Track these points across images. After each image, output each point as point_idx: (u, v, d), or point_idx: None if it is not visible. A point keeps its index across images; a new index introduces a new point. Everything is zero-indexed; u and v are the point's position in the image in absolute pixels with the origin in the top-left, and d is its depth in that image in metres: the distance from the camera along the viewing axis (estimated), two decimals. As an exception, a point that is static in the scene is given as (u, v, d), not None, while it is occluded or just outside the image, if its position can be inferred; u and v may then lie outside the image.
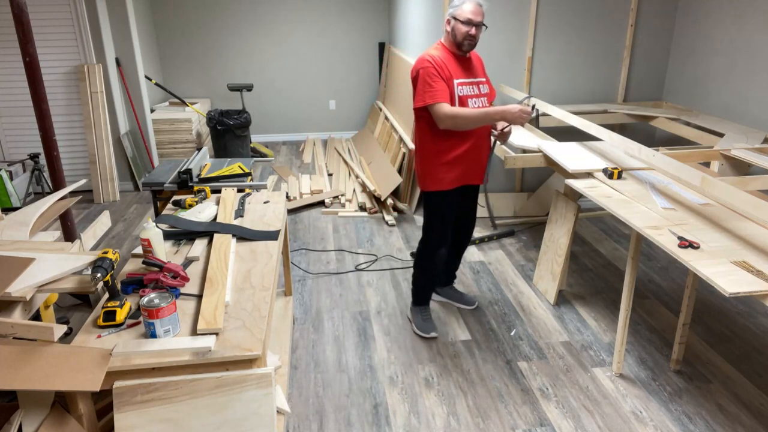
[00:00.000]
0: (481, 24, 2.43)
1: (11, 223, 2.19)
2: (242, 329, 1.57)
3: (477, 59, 2.64)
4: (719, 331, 2.88)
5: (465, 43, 2.44)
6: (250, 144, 5.84)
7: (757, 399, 2.40)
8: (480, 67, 2.64)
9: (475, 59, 2.62)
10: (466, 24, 2.41)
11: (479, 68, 2.62)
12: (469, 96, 2.51)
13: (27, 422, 1.44)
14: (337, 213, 4.53)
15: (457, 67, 2.49)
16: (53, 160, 2.81)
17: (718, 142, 3.09)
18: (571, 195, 3.05)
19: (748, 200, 1.99)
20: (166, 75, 6.52)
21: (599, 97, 4.37)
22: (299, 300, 3.23)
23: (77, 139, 4.96)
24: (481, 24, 2.43)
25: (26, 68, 2.61)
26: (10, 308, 1.61)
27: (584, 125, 3.08)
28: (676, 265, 3.57)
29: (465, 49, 2.47)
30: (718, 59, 3.80)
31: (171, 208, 2.54)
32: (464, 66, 2.53)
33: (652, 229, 2.11)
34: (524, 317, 3.03)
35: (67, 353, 1.44)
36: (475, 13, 2.40)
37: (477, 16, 2.41)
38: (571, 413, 2.33)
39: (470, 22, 2.40)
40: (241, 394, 1.47)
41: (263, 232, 2.23)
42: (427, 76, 2.42)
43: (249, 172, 3.07)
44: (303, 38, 6.59)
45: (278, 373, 2.17)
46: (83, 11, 4.60)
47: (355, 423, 2.28)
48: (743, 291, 1.69)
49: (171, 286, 1.72)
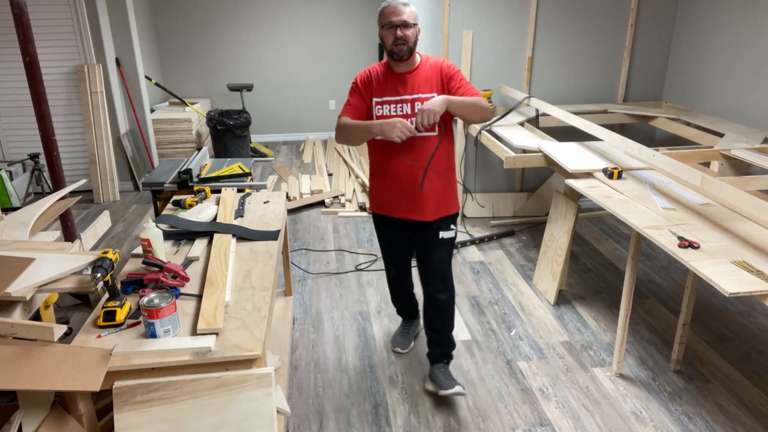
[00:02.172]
0: (407, 23, 2.10)
1: (11, 223, 2.19)
2: (242, 329, 1.57)
3: (433, 72, 2.21)
4: (719, 331, 2.88)
5: (395, 50, 2.13)
6: (250, 144, 5.84)
7: (757, 399, 2.40)
8: (431, 81, 2.20)
9: (429, 73, 2.21)
10: (387, 28, 2.13)
11: (426, 83, 2.19)
12: (389, 116, 2.19)
13: (27, 422, 1.44)
14: (337, 213, 4.53)
15: (386, 84, 2.21)
16: (53, 160, 2.81)
17: (718, 142, 3.09)
18: (571, 195, 3.05)
19: (748, 200, 1.99)
20: (166, 75, 6.52)
21: (599, 97, 4.37)
22: (299, 300, 3.23)
23: (77, 139, 4.96)
24: (407, 23, 2.10)
25: (26, 68, 2.61)
26: (10, 308, 1.61)
27: (584, 125, 3.08)
28: (676, 265, 3.57)
29: (398, 57, 2.14)
30: (718, 59, 3.80)
31: (171, 208, 2.54)
32: (396, 83, 2.20)
33: (652, 229, 2.11)
34: (524, 317, 3.03)
35: (67, 353, 1.44)
36: (393, 12, 2.11)
37: (396, 16, 2.10)
38: (571, 413, 2.33)
39: (390, 24, 2.11)
40: (241, 394, 1.47)
41: (263, 232, 2.23)
42: (350, 89, 2.29)
43: (249, 172, 3.07)
44: (303, 38, 6.59)
45: (278, 373, 2.17)
46: (83, 11, 4.60)
47: (355, 423, 2.28)
48: (743, 291, 1.69)
49: (171, 286, 1.71)
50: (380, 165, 2.32)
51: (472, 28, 4.05)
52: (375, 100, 2.23)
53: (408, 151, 2.21)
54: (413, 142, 2.19)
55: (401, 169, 2.24)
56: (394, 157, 2.24)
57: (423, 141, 2.22)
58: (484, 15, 4.03)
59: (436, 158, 2.23)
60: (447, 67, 2.22)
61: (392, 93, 2.20)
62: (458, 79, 2.20)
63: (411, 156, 2.22)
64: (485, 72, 4.15)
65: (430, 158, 2.21)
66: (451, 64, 2.24)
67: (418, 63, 2.23)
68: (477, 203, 4.34)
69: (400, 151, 2.21)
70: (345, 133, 2.21)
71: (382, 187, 2.35)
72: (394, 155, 2.23)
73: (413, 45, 2.15)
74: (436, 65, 2.22)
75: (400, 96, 2.19)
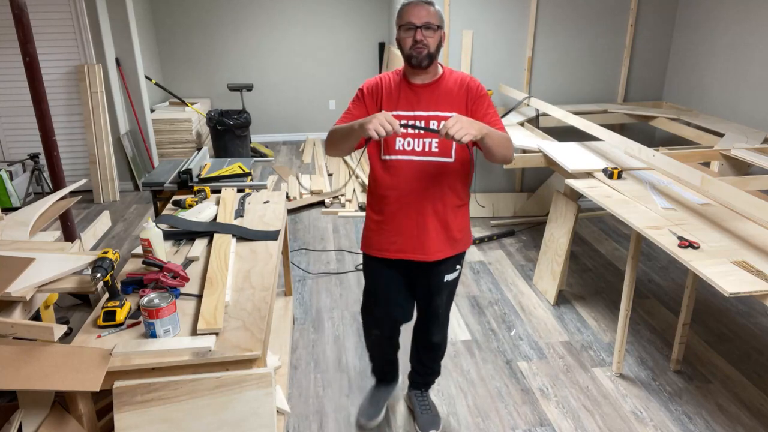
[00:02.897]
0: (429, 25, 1.78)
1: (11, 223, 2.19)
2: (242, 329, 1.57)
3: (457, 89, 1.86)
4: (719, 331, 2.88)
5: (413, 56, 1.79)
6: (250, 144, 5.84)
7: (757, 399, 2.40)
8: (453, 98, 1.86)
9: (452, 89, 1.86)
10: (406, 29, 1.79)
11: (446, 100, 1.85)
12: (401, 135, 1.85)
13: (27, 422, 1.44)
14: (337, 213, 4.53)
15: (399, 95, 1.86)
16: (53, 160, 2.81)
17: (718, 142, 3.09)
18: (571, 195, 3.05)
19: (748, 200, 1.99)
20: (166, 75, 6.51)
21: (599, 97, 4.37)
22: (299, 300, 3.23)
23: (77, 139, 4.95)
24: (429, 25, 1.78)
25: (26, 68, 2.61)
26: (10, 308, 1.61)
27: (584, 125, 3.09)
28: (676, 265, 3.57)
29: (416, 63, 1.80)
30: (718, 59, 3.79)
31: (171, 208, 2.54)
32: (411, 96, 1.86)
33: (652, 229, 2.11)
34: (524, 317, 3.03)
35: (67, 353, 1.44)
36: (413, 11, 1.78)
37: (417, 15, 1.77)
38: (571, 413, 2.33)
39: (410, 25, 1.78)
40: (241, 394, 1.47)
41: (263, 232, 2.23)
42: (354, 97, 1.93)
43: (249, 172, 3.07)
44: (303, 38, 6.58)
45: (278, 373, 2.17)
46: (83, 11, 4.60)
47: (355, 423, 2.28)
48: (743, 291, 1.69)
49: (171, 286, 1.71)
50: (380, 192, 1.93)
51: (472, 28, 4.05)
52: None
53: (416, 179, 1.86)
54: (423, 168, 1.85)
55: (406, 200, 1.88)
56: (398, 183, 1.88)
57: (434, 167, 1.86)
58: (484, 15, 4.03)
59: (448, 187, 1.88)
60: (476, 88, 1.86)
61: (405, 107, 1.85)
62: (486, 105, 1.86)
63: (417, 186, 1.86)
64: (485, 72, 4.15)
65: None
66: (480, 85, 1.88)
67: (440, 75, 1.88)
68: (477, 203, 4.34)
69: (406, 177, 1.86)
70: (330, 140, 1.84)
71: (380, 222, 1.96)
72: (398, 182, 1.88)
73: (435, 51, 1.82)
74: (461, 81, 1.87)
75: (414, 111, 1.84)
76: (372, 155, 1.93)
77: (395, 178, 1.87)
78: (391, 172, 1.88)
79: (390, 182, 1.89)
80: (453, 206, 1.92)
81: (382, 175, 1.90)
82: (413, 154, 1.86)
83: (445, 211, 1.91)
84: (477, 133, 1.62)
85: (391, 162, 1.87)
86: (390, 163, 1.88)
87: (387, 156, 1.88)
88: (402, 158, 1.86)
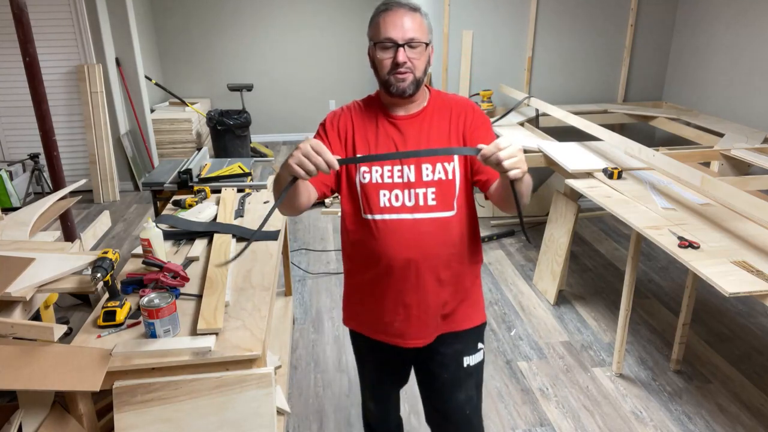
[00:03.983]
0: (416, 42, 1.31)
1: (11, 223, 2.19)
2: (242, 329, 1.57)
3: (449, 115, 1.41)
4: (719, 331, 2.88)
5: (392, 82, 1.33)
6: (250, 144, 5.84)
7: (757, 399, 2.40)
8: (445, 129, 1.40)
9: (444, 116, 1.41)
10: (383, 47, 1.32)
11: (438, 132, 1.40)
12: (384, 186, 1.38)
13: (27, 422, 1.44)
14: (337, 213, 4.53)
15: (378, 134, 1.40)
16: (53, 160, 2.81)
17: (718, 142, 3.09)
18: (571, 195, 3.05)
19: (748, 200, 1.99)
20: (166, 75, 6.51)
21: (599, 97, 4.37)
22: (299, 300, 3.23)
23: (77, 139, 4.95)
24: (416, 42, 1.31)
25: (26, 68, 2.61)
26: (10, 308, 1.61)
27: (584, 125, 3.09)
28: (676, 265, 3.57)
29: (398, 92, 1.34)
30: (718, 59, 3.79)
31: (171, 208, 2.54)
32: (395, 133, 1.40)
33: (652, 229, 2.11)
34: (524, 317, 3.03)
35: (67, 353, 1.44)
36: (393, 23, 1.30)
37: (398, 29, 1.30)
38: (571, 413, 2.33)
39: (388, 42, 1.31)
40: (241, 394, 1.47)
41: (263, 232, 2.23)
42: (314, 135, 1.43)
43: (249, 172, 3.07)
44: (303, 38, 6.58)
45: (278, 373, 2.17)
46: (83, 11, 4.60)
47: (355, 423, 2.28)
48: (743, 291, 1.69)
49: (171, 286, 1.71)
50: (363, 262, 1.45)
51: (472, 28, 4.05)
52: (361, 156, 1.39)
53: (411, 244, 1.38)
54: (418, 228, 1.38)
55: (400, 273, 1.40)
56: (386, 250, 1.39)
57: (433, 225, 1.39)
58: (484, 15, 4.03)
59: (454, 248, 1.43)
60: (475, 113, 1.43)
61: (387, 146, 1.39)
62: (491, 137, 1.40)
63: (414, 253, 1.38)
64: (485, 72, 4.15)
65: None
66: (480, 110, 1.45)
67: (427, 101, 1.43)
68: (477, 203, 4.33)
69: (397, 242, 1.38)
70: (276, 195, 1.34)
71: (365, 299, 1.50)
72: (385, 248, 1.39)
73: (422, 75, 1.35)
74: (455, 106, 1.43)
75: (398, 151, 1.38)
76: (348, 214, 1.44)
77: (382, 244, 1.38)
78: (376, 237, 1.39)
79: (375, 249, 1.40)
80: (462, 272, 1.47)
81: (365, 240, 1.41)
82: (404, 211, 1.38)
83: (452, 280, 1.45)
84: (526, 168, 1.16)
85: (375, 223, 1.39)
86: (374, 224, 1.39)
87: (369, 215, 1.39)
88: (389, 217, 1.38)
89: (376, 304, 1.46)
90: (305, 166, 1.13)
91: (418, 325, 1.45)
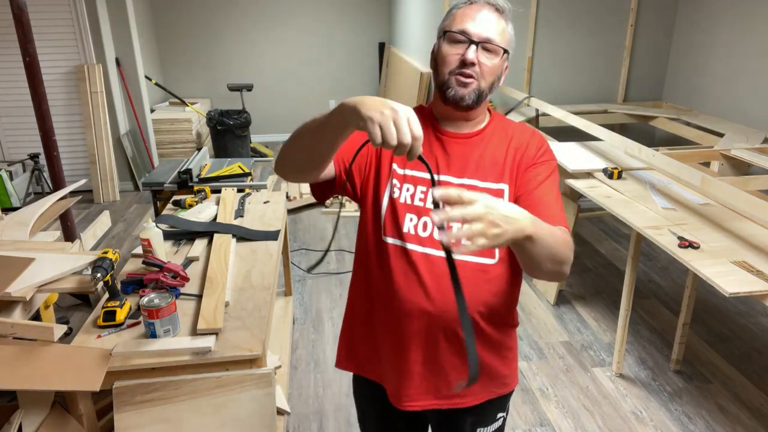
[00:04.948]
0: (489, 45, 1.10)
1: (11, 223, 2.19)
2: (242, 329, 1.57)
3: (509, 144, 1.19)
4: (719, 331, 2.88)
5: (451, 84, 1.11)
6: (250, 144, 5.84)
7: (757, 399, 2.40)
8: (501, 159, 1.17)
9: (503, 144, 1.19)
10: (453, 40, 1.12)
11: (492, 162, 1.16)
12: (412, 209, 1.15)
13: (27, 422, 1.44)
14: (337, 213, 4.53)
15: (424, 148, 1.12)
16: (53, 160, 2.81)
17: (718, 142, 3.08)
18: (571, 195, 3.05)
19: (748, 200, 1.99)
20: (166, 75, 6.51)
21: (599, 97, 4.37)
22: (299, 300, 3.23)
23: (77, 139, 4.95)
24: (489, 45, 1.10)
25: (26, 68, 2.61)
26: (10, 308, 1.60)
27: (584, 125, 3.08)
28: (676, 265, 3.57)
29: (454, 99, 1.11)
30: (718, 59, 3.79)
31: (171, 208, 2.54)
32: (439, 150, 1.17)
33: (652, 229, 2.11)
34: (524, 317, 3.03)
35: (67, 353, 1.44)
36: (471, 15, 1.11)
37: (476, 23, 1.10)
38: (571, 413, 2.33)
39: (464, 35, 1.10)
40: (241, 394, 1.47)
41: (263, 232, 2.23)
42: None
43: (249, 172, 3.07)
44: (303, 38, 6.59)
45: (278, 373, 2.17)
46: (83, 11, 4.60)
47: (354, 423, 2.28)
48: (743, 291, 1.69)
49: (171, 286, 1.71)
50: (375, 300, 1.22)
51: (472, 28, 4.04)
52: (397, 170, 1.17)
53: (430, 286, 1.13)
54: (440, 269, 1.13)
55: (420, 322, 1.16)
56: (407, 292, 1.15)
57: (467, 271, 1.13)
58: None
59: (489, 302, 1.17)
60: (538, 148, 1.20)
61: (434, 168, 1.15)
62: (546, 175, 1.18)
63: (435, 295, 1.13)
64: (485, 72, 4.14)
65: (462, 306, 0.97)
66: (546, 145, 1.22)
67: (486, 123, 1.21)
68: None
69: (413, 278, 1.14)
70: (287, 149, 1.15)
71: (374, 345, 1.26)
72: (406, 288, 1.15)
73: (488, 88, 1.13)
74: (516, 134, 1.20)
75: (437, 175, 1.15)
76: (365, 227, 1.21)
77: (402, 280, 1.14)
78: (392, 267, 1.15)
79: (392, 285, 1.15)
80: (496, 333, 1.23)
81: (381, 271, 1.17)
82: (432, 245, 1.13)
83: (485, 338, 1.21)
84: (513, 233, 0.89)
85: (395, 250, 1.15)
86: (392, 251, 1.15)
87: (390, 239, 1.16)
88: (411, 248, 1.14)
89: (391, 360, 1.22)
90: (388, 133, 0.86)
91: (442, 385, 1.21)
